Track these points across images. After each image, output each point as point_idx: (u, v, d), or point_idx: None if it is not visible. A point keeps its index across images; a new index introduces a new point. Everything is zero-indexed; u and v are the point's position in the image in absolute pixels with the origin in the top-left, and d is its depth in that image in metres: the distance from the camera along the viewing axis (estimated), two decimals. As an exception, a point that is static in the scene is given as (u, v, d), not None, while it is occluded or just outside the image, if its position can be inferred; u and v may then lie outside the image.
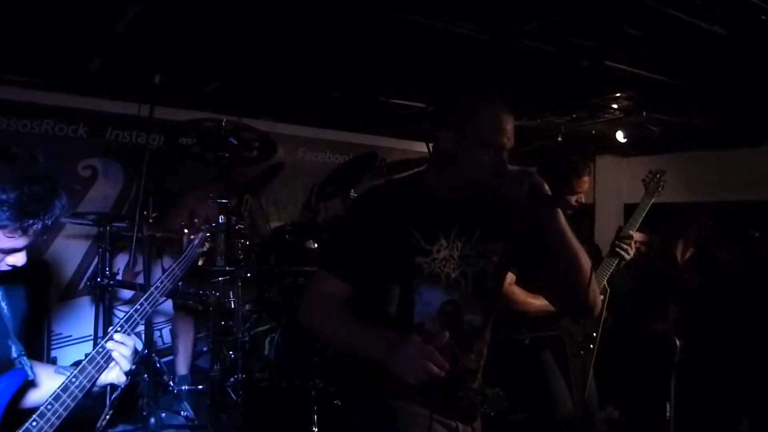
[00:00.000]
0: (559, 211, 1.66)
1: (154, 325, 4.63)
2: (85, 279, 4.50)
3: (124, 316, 1.60)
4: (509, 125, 1.70)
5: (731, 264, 4.25)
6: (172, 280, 1.75)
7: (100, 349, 1.53)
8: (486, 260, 1.79)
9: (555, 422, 2.70)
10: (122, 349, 1.54)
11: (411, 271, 1.69)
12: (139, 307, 1.63)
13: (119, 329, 1.56)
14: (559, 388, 2.74)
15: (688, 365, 3.44)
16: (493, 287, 1.84)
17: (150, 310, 1.65)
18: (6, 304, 1.53)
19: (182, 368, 4.24)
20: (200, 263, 2.06)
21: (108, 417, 3.49)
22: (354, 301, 1.69)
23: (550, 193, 1.64)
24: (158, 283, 1.71)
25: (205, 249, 2.03)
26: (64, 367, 1.59)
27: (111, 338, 1.54)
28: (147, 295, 1.66)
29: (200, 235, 2.04)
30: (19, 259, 1.44)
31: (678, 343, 3.60)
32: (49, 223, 1.40)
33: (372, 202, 1.83)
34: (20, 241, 1.38)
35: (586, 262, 1.69)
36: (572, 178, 2.75)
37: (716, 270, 4.27)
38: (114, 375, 1.56)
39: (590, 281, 1.69)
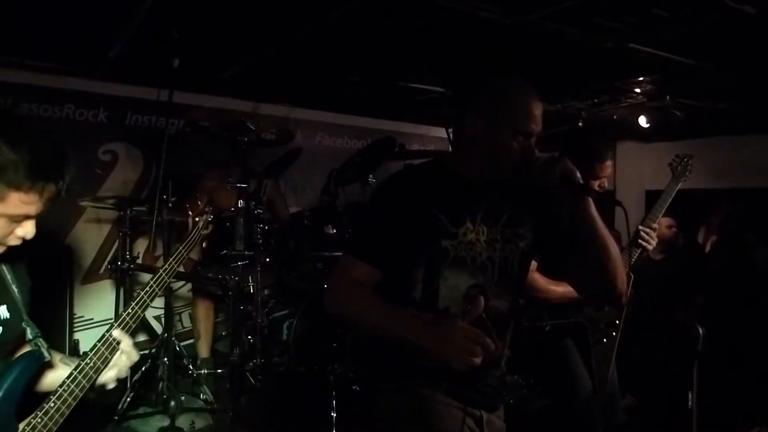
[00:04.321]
0: (589, 198, 1.63)
1: (174, 309, 4.66)
2: (106, 263, 4.53)
3: (135, 298, 1.63)
4: (538, 111, 1.66)
5: (760, 251, 4.19)
6: (178, 261, 1.79)
7: (106, 339, 1.55)
8: (513, 245, 1.75)
9: (576, 410, 2.68)
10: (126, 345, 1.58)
11: (437, 254, 1.65)
12: (148, 288, 1.65)
13: (125, 317, 1.59)
14: (581, 375, 2.71)
15: (711, 354, 3.40)
16: (519, 273, 1.80)
17: (159, 291, 1.68)
18: (16, 286, 1.52)
19: (204, 351, 4.28)
20: (204, 245, 2.10)
21: (129, 400, 3.55)
22: (378, 287, 1.67)
23: (581, 180, 1.61)
24: (166, 265, 1.74)
25: (208, 231, 2.06)
26: (69, 357, 1.62)
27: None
28: (156, 276, 1.69)
29: (204, 217, 2.08)
30: (29, 230, 1.41)
31: (701, 331, 3.56)
32: (62, 189, 1.38)
33: (396, 186, 1.79)
34: (33, 207, 1.36)
35: (614, 248, 1.66)
36: (594, 163, 2.70)
37: (743, 257, 4.21)
38: (113, 373, 1.58)
39: (619, 268, 1.67)
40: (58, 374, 1.56)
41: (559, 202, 1.69)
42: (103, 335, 1.54)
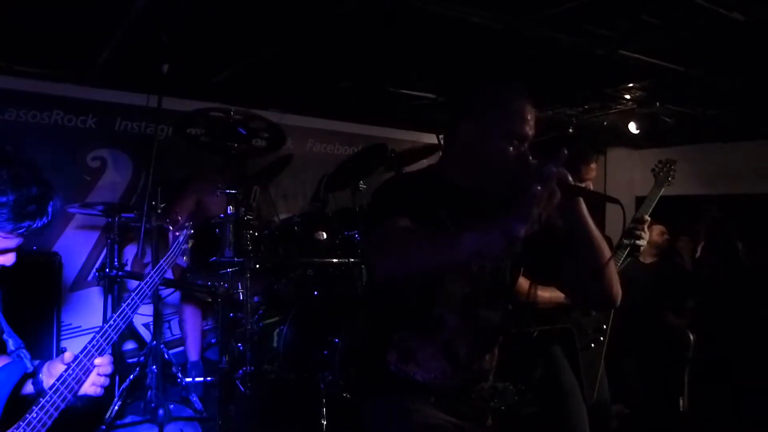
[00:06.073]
0: (582, 201, 1.60)
1: (162, 317, 4.62)
2: (94, 270, 4.49)
3: (117, 312, 1.63)
4: (532, 114, 1.65)
5: (747, 257, 4.21)
6: (159, 274, 1.81)
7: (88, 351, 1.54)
8: (504, 256, 1.73)
9: (564, 417, 2.66)
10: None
11: None
12: (130, 302, 1.66)
13: (104, 335, 1.57)
14: (569, 381, 2.70)
15: (702, 359, 3.40)
16: (510, 284, 1.79)
17: (140, 304, 1.69)
18: None
19: (193, 355, 4.24)
20: (185, 258, 2.11)
21: (117, 408, 3.50)
22: (370, 292, 1.64)
23: (572, 182, 1.58)
24: (148, 279, 1.76)
25: (189, 245, 2.07)
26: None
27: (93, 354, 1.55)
28: (137, 290, 1.70)
29: (184, 231, 2.08)
30: (8, 259, 1.46)
31: (692, 337, 3.56)
32: (44, 224, 1.43)
33: (405, 184, 1.76)
34: (13, 242, 1.42)
35: (607, 252, 1.63)
36: (580, 165, 2.70)
37: (732, 263, 4.22)
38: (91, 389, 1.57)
39: (613, 271, 1.65)
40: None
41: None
42: (85, 347, 1.53)
